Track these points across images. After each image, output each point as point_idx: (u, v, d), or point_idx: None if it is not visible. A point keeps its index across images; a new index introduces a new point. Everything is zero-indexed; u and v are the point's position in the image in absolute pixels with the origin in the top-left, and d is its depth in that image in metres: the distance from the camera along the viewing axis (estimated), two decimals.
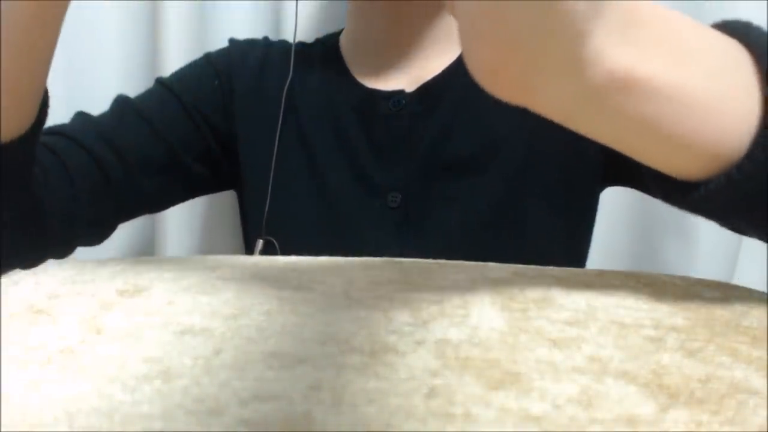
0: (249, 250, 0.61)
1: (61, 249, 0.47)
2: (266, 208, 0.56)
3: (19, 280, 0.28)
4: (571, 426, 0.17)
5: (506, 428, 0.17)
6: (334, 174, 0.55)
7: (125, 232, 0.50)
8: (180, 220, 0.77)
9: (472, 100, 0.54)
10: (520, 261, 0.34)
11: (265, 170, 0.57)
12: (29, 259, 0.44)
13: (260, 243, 0.56)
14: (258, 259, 0.33)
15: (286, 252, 0.55)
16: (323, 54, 0.60)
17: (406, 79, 0.56)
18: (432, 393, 0.19)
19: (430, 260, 0.34)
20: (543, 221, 0.54)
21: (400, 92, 0.55)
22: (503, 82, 0.23)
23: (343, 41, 0.61)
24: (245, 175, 0.59)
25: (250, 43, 0.62)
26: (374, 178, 0.54)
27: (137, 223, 0.54)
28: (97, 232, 0.51)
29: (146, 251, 0.80)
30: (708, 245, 0.72)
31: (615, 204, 0.70)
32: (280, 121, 0.57)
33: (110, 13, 0.75)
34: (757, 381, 0.20)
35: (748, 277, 0.70)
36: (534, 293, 0.28)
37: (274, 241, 0.56)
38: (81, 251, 0.49)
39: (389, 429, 0.17)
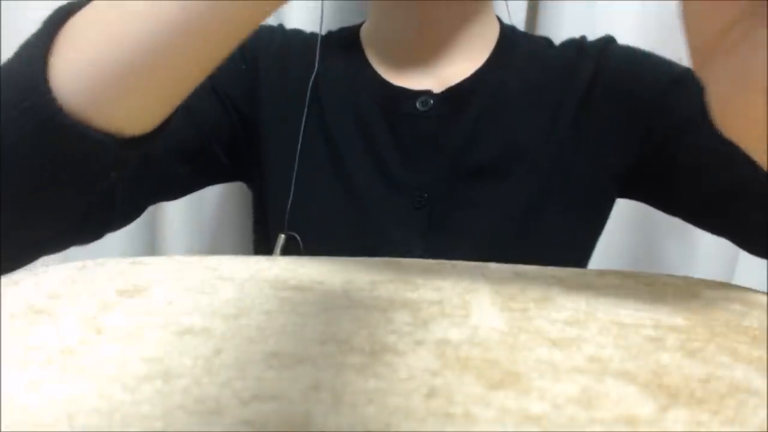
0: (263, 245, 0.60)
1: (96, 233, 0.44)
2: (289, 202, 0.55)
3: (19, 280, 0.28)
4: (571, 426, 0.17)
5: (506, 428, 0.17)
6: (358, 169, 0.55)
7: (125, 232, 0.49)
8: (180, 221, 0.77)
9: (498, 108, 0.55)
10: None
11: (288, 162, 0.55)
12: (64, 246, 0.41)
13: (282, 238, 0.55)
14: (258, 259, 0.33)
15: (308, 247, 0.54)
16: (343, 47, 0.60)
17: (432, 80, 0.56)
18: (432, 393, 0.19)
19: (431, 260, 0.34)
20: (563, 230, 0.54)
21: (428, 92, 0.55)
22: (749, 130, 0.24)
23: (366, 36, 0.60)
24: (267, 165, 0.57)
25: (270, 29, 0.60)
26: (399, 177, 0.54)
27: (137, 223, 0.54)
28: (127, 217, 0.49)
29: (146, 251, 0.80)
30: (708, 245, 0.72)
31: (615, 205, 0.70)
32: (305, 113, 0.56)
33: None
34: (757, 381, 0.20)
35: (748, 277, 0.70)
36: (534, 293, 0.28)
37: (297, 236, 0.55)
38: (81, 251, 0.49)
39: (389, 429, 0.17)
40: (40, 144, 0.32)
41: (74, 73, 0.31)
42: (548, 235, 0.54)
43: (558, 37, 0.63)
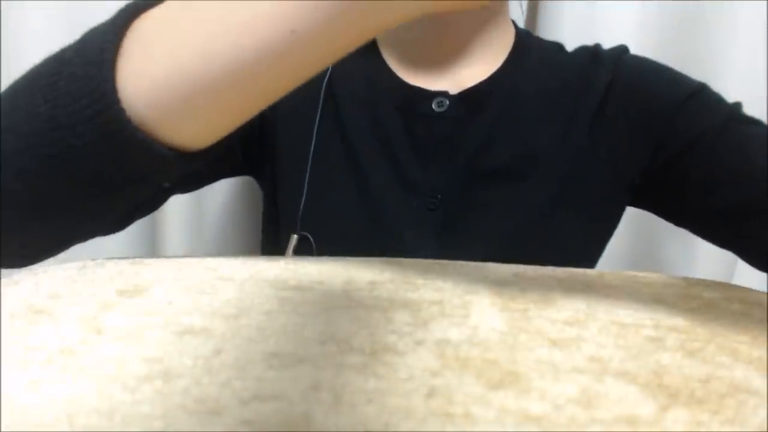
0: (273, 245, 0.60)
1: (119, 228, 0.43)
2: (302, 201, 0.55)
3: (19, 280, 0.28)
4: (571, 426, 0.17)
5: (506, 428, 0.17)
6: (372, 169, 0.55)
7: (125, 232, 0.49)
8: (180, 220, 0.77)
9: (514, 111, 0.55)
10: None
11: (302, 160, 0.55)
12: (89, 238, 0.40)
13: (294, 238, 0.55)
14: (258, 259, 0.33)
15: (320, 247, 0.54)
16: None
17: (448, 81, 0.56)
18: (432, 393, 0.19)
19: (431, 260, 0.34)
20: (574, 235, 0.54)
21: (444, 93, 0.55)
22: None
23: (381, 35, 0.59)
24: (281, 164, 0.57)
25: None
26: (413, 178, 0.54)
27: (137, 223, 0.54)
28: (148, 211, 0.48)
29: (146, 251, 0.81)
30: (708, 245, 0.72)
31: None
32: (319, 112, 0.56)
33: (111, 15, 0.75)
34: (757, 381, 0.20)
35: (748, 277, 0.70)
36: (534, 293, 0.28)
37: (310, 237, 0.55)
38: (81, 251, 0.49)
39: (389, 429, 0.17)
40: (101, 152, 0.30)
41: (146, 84, 0.29)
42: (560, 240, 0.54)
43: (558, 37, 0.63)
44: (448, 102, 0.54)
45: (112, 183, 0.32)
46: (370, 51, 0.59)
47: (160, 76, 0.29)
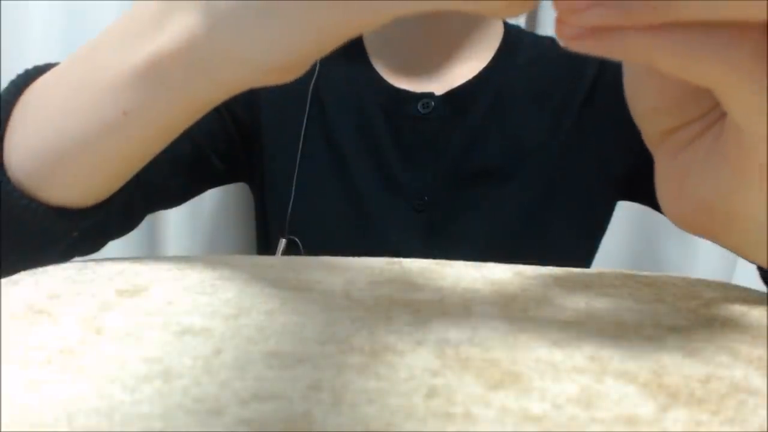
0: (265, 248, 0.60)
1: (93, 249, 0.44)
2: (290, 206, 0.55)
3: (19, 280, 0.28)
4: (571, 426, 0.17)
5: (506, 428, 0.17)
6: (359, 172, 0.55)
7: None
8: (180, 221, 0.77)
9: (502, 109, 0.54)
10: None
11: (290, 165, 0.55)
12: (65, 260, 0.42)
13: (283, 242, 0.55)
14: (258, 259, 0.33)
15: (309, 251, 0.54)
16: (345, 49, 0.60)
17: (435, 82, 0.56)
18: (432, 393, 0.19)
19: (431, 260, 0.34)
20: (565, 232, 0.54)
21: (430, 95, 0.54)
22: (696, 229, 0.24)
23: (369, 39, 0.60)
24: (269, 169, 0.57)
25: None
26: (400, 180, 0.54)
27: None
28: (124, 229, 0.49)
29: (146, 251, 0.81)
30: (708, 245, 0.72)
31: (616, 205, 0.70)
32: (306, 116, 0.56)
33: (110, 14, 0.75)
34: (757, 381, 0.20)
35: (748, 277, 0.70)
36: (534, 293, 0.28)
37: (298, 241, 0.55)
38: None
39: (389, 429, 0.17)
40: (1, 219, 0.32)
41: (23, 154, 0.32)
42: (550, 238, 0.54)
43: None
44: (433, 103, 0.54)
45: (23, 240, 0.34)
46: (357, 55, 0.59)
47: (31, 147, 0.31)
